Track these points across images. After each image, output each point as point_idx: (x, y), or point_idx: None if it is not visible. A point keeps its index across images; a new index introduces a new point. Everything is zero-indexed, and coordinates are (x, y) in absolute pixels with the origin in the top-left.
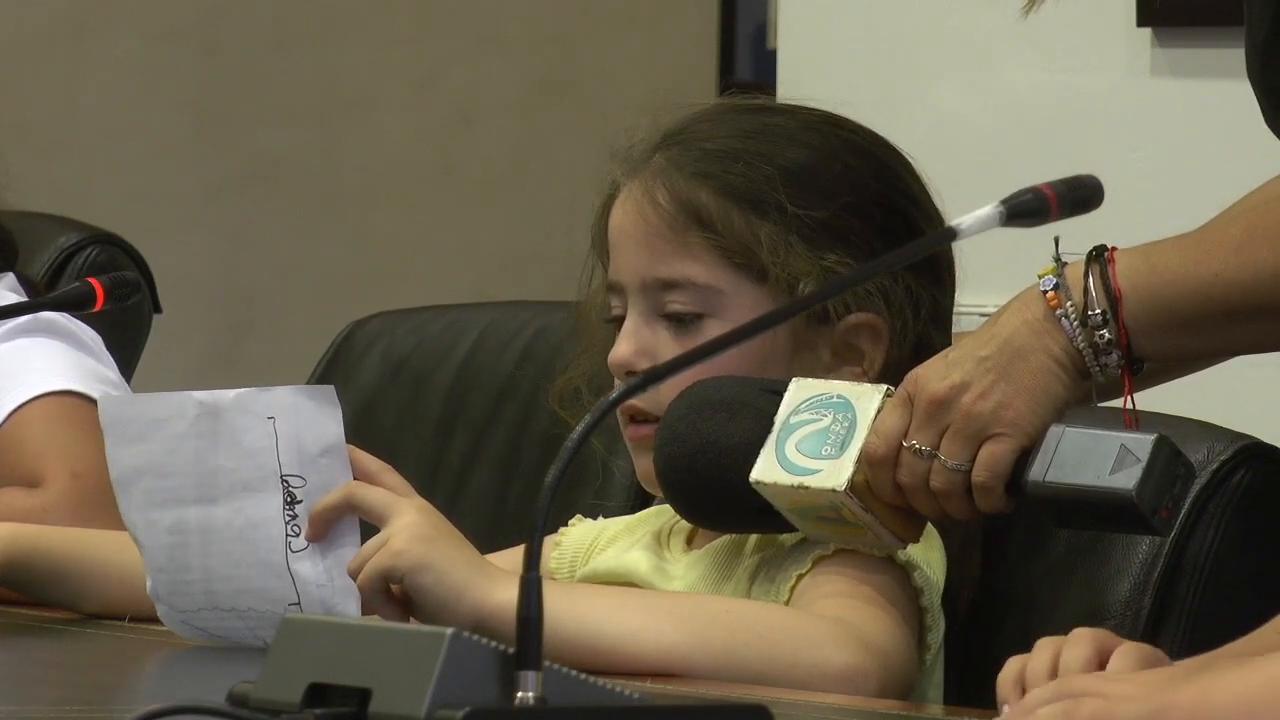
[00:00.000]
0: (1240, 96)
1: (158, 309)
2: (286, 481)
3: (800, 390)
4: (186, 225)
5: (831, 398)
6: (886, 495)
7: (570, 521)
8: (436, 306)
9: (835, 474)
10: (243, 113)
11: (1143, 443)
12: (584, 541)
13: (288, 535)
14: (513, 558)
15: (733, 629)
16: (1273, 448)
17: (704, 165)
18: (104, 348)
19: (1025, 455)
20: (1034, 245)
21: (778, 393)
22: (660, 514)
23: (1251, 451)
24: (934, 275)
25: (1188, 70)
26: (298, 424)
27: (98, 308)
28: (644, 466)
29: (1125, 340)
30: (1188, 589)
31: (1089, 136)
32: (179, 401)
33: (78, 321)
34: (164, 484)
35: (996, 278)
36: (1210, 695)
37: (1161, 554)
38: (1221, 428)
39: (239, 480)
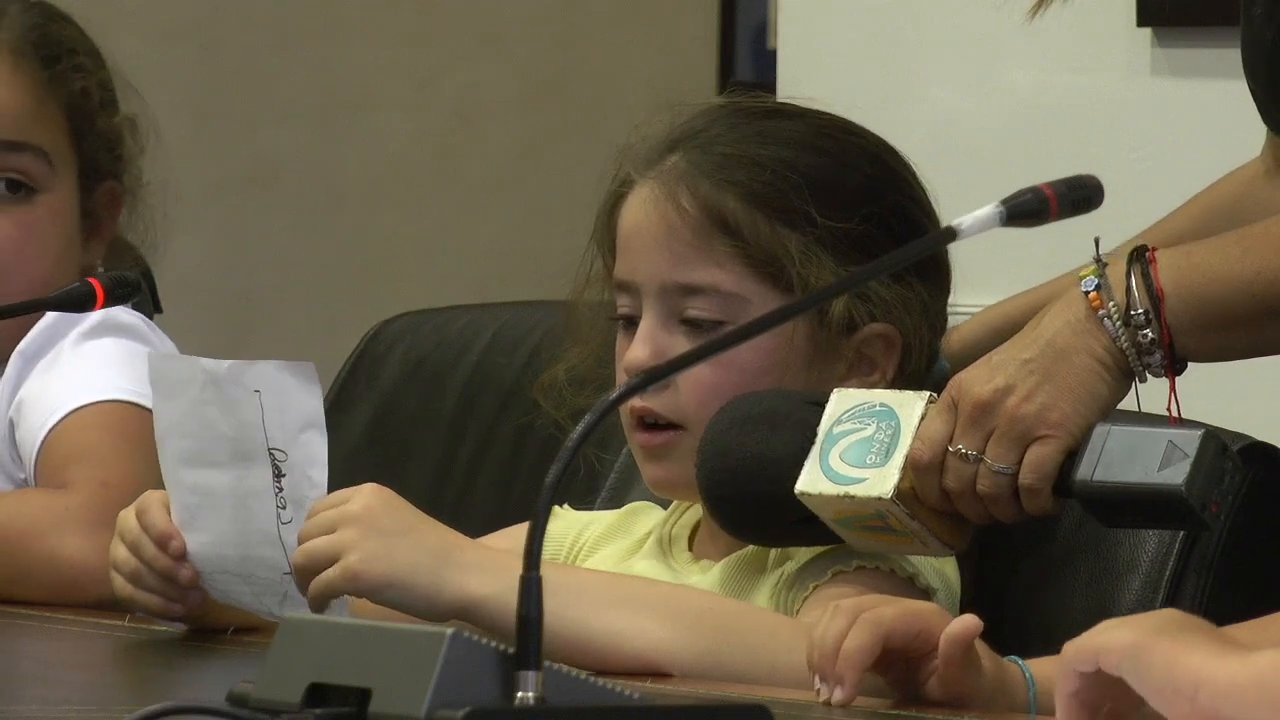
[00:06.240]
0: (1240, 96)
1: (158, 309)
2: (272, 455)
3: (842, 400)
4: (186, 225)
5: (874, 406)
6: (933, 501)
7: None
8: (459, 306)
9: (881, 482)
10: (243, 113)
11: (1190, 438)
12: (566, 535)
13: (277, 507)
14: (508, 539)
15: (718, 628)
16: (1273, 448)
17: (728, 171)
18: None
19: (1071, 456)
20: (1033, 245)
21: (819, 404)
22: (640, 514)
23: (1252, 452)
24: (942, 285)
25: (1188, 70)
26: (280, 399)
27: (98, 308)
28: (652, 473)
29: (1168, 339)
30: (1195, 590)
31: (1089, 136)
32: (191, 366)
33: (157, 331)
34: (184, 444)
35: (996, 278)
36: (1190, 654)
37: (1171, 553)
38: (1221, 428)
39: (238, 449)
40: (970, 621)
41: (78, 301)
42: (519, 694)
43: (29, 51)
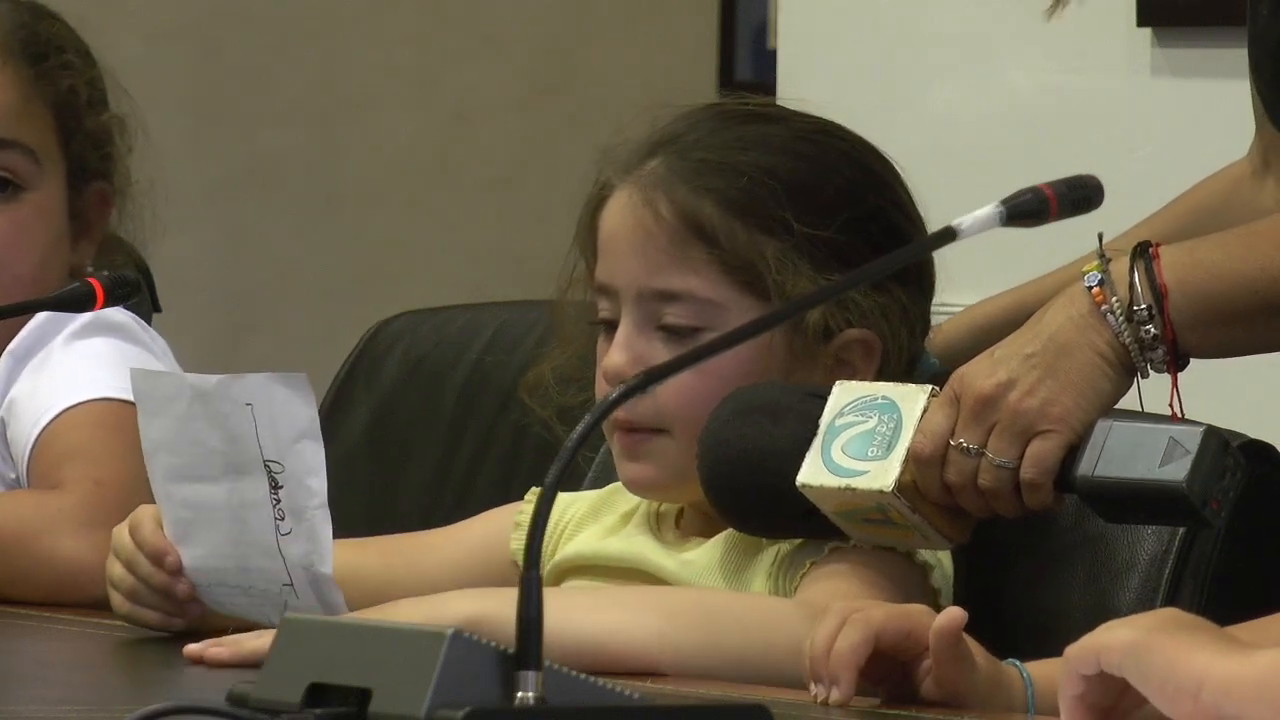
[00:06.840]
0: (1240, 96)
1: (158, 309)
2: (268, 466)
3: (845, 392)
4: (186, 225)
5: (876, 399)
6: (934, 495)
7: (527, 497)
8: (459, 306)
9: (882, 475)
10: (243, 113)
11: (1191, 434)
12: (549, 520)
13: (275, 519)
14: (483, 523)
15: (710, 615)
16: (1271, 447)
17: (706, 177)
18: (173, 360)
19: (1073, 451)
20: (1033, 245)
21: (821, 396)
22: (623, 491)
23: (1251, 452)
24: (923, 289)
25: (1188, 70)
26: (272, 410)
27: (98, 308)
28: (629, 472)
29: (1171, 335)
30: (1194, 588)
31: (1089, 136)
32: (178, 383)
33: (150, 330)
34: (175, 460)
35: (995, 278)
36: (1193, 653)
37: (1170, 551)
38: (1220, 427)
39: (231, 463)
40: (955, 613)
41: (78, 301)
42: (519, 694)
43: (16, 49)
